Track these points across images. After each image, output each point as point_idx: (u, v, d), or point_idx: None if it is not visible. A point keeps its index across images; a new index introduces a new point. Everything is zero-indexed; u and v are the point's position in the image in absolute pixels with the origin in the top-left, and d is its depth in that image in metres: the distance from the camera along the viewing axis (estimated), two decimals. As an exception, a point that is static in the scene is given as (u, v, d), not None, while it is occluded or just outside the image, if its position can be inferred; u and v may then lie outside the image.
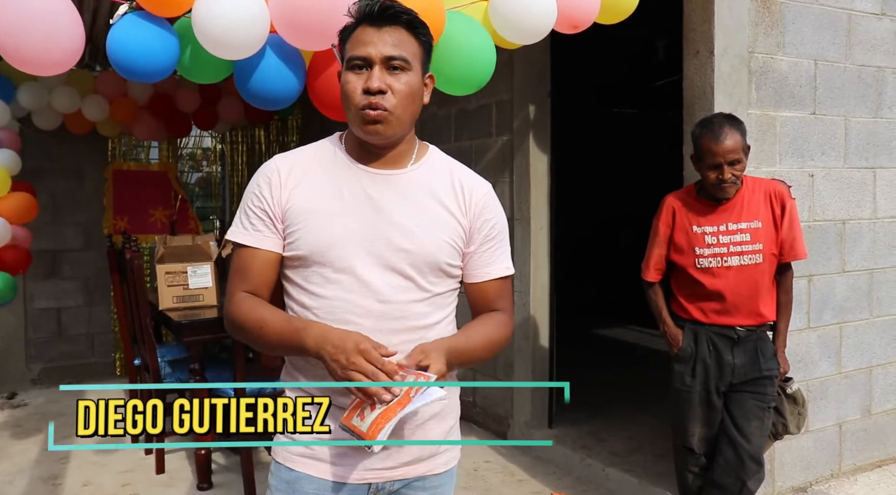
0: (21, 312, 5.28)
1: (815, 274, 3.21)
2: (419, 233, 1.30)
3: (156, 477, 3.57)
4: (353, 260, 1.28)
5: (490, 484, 3.48)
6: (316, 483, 1.31)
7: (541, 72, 3.86)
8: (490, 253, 1.39)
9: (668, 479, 3.08)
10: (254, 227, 1.32)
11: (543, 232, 3.87)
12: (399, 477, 1.34)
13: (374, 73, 1.25)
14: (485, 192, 1.39)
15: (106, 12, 3.92)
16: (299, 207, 1.30)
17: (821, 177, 3.23)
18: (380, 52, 1.25)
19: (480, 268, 1.39)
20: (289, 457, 1.33)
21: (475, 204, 1.36)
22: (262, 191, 1.32)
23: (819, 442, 3.29)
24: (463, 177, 1.39)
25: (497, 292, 1.41)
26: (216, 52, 2.06)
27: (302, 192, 1.31)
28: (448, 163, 1.41)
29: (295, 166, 1.33)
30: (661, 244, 2.57)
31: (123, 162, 5.59)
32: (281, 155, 1.38)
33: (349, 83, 1.27)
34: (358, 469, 1.30)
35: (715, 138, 2.36)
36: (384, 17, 1.26)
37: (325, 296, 1.29)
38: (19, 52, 1.90)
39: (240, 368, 3.26)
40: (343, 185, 1.31)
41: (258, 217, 1.32)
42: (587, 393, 4.67)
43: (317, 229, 1.28)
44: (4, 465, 3.77)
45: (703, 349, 2.50)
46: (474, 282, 1.40)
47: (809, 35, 3.16)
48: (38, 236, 5.27)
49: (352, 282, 1.28)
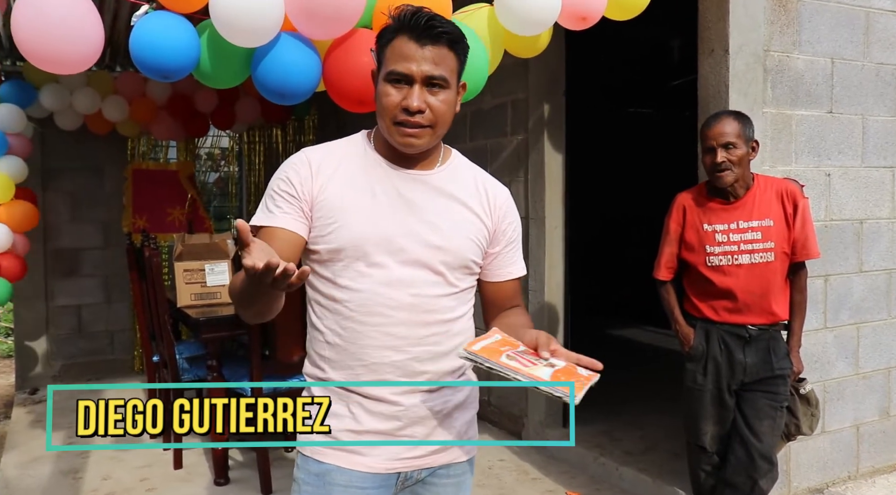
0: (42, 309, 5.37)
1: (831, 273, 3.19)
2: (450, 231, 1.34)
3: (173, 473, 3.62)
4: (388, 255, 1.30)
5: (504, 482, 3.49)
6: (347, 474, 1.32)
7: (556, 71, 3.87)
8: (511, 254, 1.46)
9: (682, 478, 3.07)
10: (280, 209, 1.31)
11: (558, 231, 3.87)
12: (427, 466, 1.37)
13: (413, 92, 1.27)
14: (506, 197, 1.46)
15: (126, 14, 3.98)
16: (332, 201, 1.31)
17: (837, 176, 3.21)
18: (422, 71, 1.26)
19: (503, 268, 1.45)
20: (317, 450, 1.35)
21: (499, 207, 1.42)
22: (290, 178, 1.32)
23: (836, 444, 3.27)
24: (486, 181, 1.44)
25: (515, 290, 1.48)
26: (233, 39, 2.10)
27: (334, 186, 1.32)
28: (470, 167, 1.45)
29: (326, 159, 1.34)
30: (672, 243, 2.57)
31: (142, 161, 5.66)
32: (310, 147, 1.38)
33: (388, 96, 1.28)
34: (388, 458, 1.33)
35: (708, 124, 2.45)
36: (428, 36, 1.26)
37: (358, 289, 1.31)
38: (40, 52, 1.94)
39: (256, 365, 3.30)
40: (375, 183, 1.33)
41: (285, 200, 1.31)
42: (601, 393, 4.66)
43: (353, 224, 1.30)
44: (26, 459, 3.84)
45: (715, 348, 2.50)
46: (496, 281, 1.45)
47: (826, 33, 3.14)
48: (58, 235, 5.39)
49: (385, 277, 1.30)
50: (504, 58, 4.07)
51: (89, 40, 1.99)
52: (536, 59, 3.83)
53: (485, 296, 1.47)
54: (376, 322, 1.31)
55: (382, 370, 1.31)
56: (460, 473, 1.43)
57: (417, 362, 1.33)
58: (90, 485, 3.49)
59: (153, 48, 2.09)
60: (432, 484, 1.39)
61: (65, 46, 1.94)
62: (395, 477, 1.35)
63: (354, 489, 1.32)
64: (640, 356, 6.17)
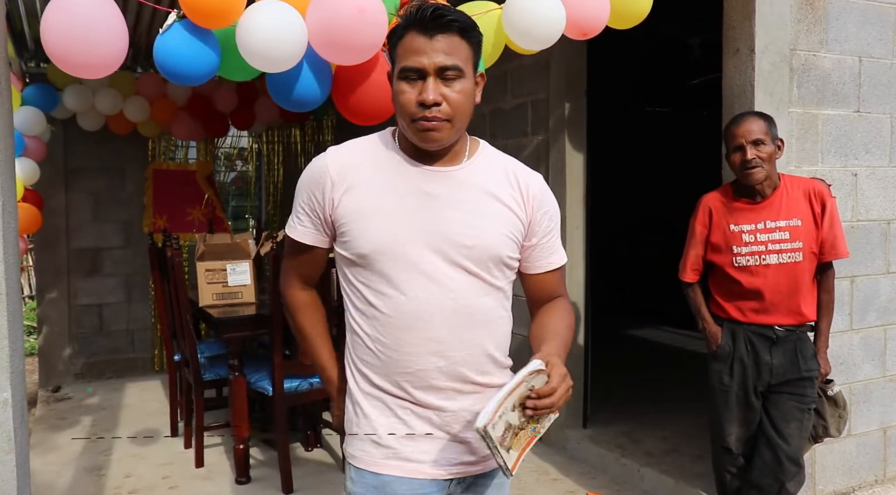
0: (65, 308, 5.43)
1: (857, 274, 3.15)
2: (478, 227, 1.30)
3: (195, 471, 3.64)
4: (416, 257, 1.27)
5: (524, 482, 3.48)
6: (407, 483, 1.30)
7: (577, 70, 3.85)
8: (550, 244, 1.40)
9: (705, 480, 3.05)
10: (300, 223, 1.36)
11: (579, 231, 3.85)
12: (479, 472, 1.37)
13: (428, 86, 1.24)
14: (540, 185, 1.40)
15: (148, 16, 4.01)
16: (354, 206, 1.29)
17: (865, 176, 3.17)
18: (433, 62, 1.23)
19: (543, 260, 1.40)
20: (372, 462, 1.32)
21: (532, 197, 1.36)
22: (311, 190, 1.33)
23: (862, 447, 3.22)
24: (517, 170, 1.38)
25: (557, 281, 1.44)
26: (257, 66, 2.18)
27: (356, 191, 1.30)
28: (500, 158, 1.40)
29: (348, 164, 1.32)
30: (698, 244, 2.55)
31: (163, 161, 5.70)
32: (333, 149, 1.36)
33: (404, 94, 1.26)
34: (444, 464, 1.32)
35: (735, 122, 2.44)
36: (436, 25, 1.23)
37: (392, 295, 1.28)
38: (67, 56, 1.97)
39: (278, 364, 3.31)
40: (399, 183, 1.30)
41: (305, 213, 1.35)
42: (622, 394, 4.65)
43: (375, 227, 1.28)
44: (51, 457, 3.88)
45: (741, 348, 2.48)
46: (536, 273, 1.41)
47: (854, 31, 3.10)
48: (80, 234, 5.45)
49: (417, 281, 1.28)
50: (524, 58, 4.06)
51: (115, 45, 2.01)
52: (557, 58, 3.82)
53: (526, 289, 1.44)
54: (416, 327, 1.28)
55: (428, 377, 1.29)
56: (502, 474, 1.42)
57: (463, 366, 1.31)
58: (113, 482, 3.52)
59: (176, 57, 2.15)
60: (478, 485, 1.39)
61: (92, 51, 1.97)
62: (449, 482, 1.35)
63: None
64: (661, 357, 6.13)
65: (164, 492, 3.41)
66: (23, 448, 1.80)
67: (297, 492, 3.35)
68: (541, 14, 2.34)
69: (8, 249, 1.70)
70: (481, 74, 1.34)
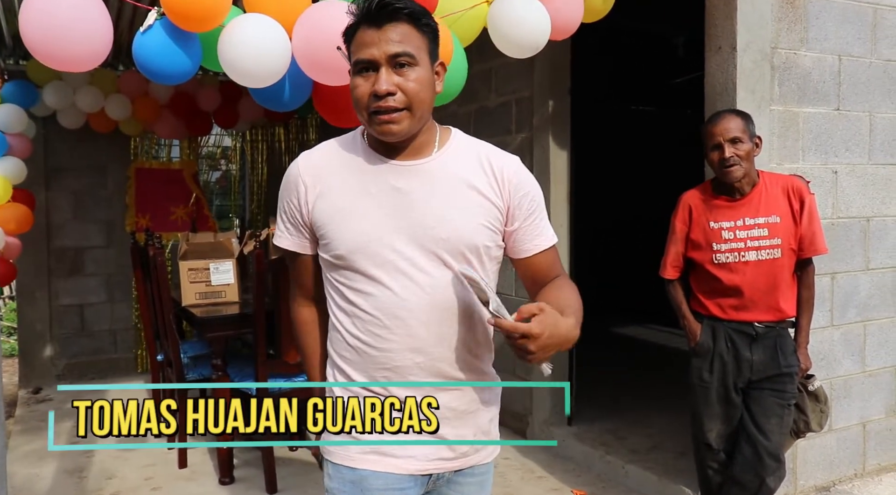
0: (46, 309, 5.36)
1: (838, 271, 3.18)
2: (453, 219, 1.28)
3: (178, 472, 3.62)
4: (391, 255, 1.27)
5: (509, 480, 3.48)
6: (383, 478, 1.30)
7: (561, 69, 3.85)
8: (534, 226, 1.37)
9: (688, 476, 3.07)
10: (287, 231, 1.40)
11: (563, 229, 3.86)
12: (458, 468, 1.36)
13: (380, 76, 1.23)
14: (516, 168, 1.37)
15: (129, 14, 3.97)
16: (328, 209, 1.31)
17: (844, 173, 3.20)
18: (383, 51, 1.23)
19: (528, 243, 1.37)
20: (348, 457, 1.32)
21: (508, 181, 1.34)
22: (289, 198, 1.37)
23: (842, 442, 3.26)
24: (491, 156, 1.36)
25: (550, 262, 1.40)
26: (240, 81, 2.15)
27: (329, 194, 1.32)
28: (474, 145, 1.38)
29: (319, 167, 1.34)
30: (678, 242, 2.57)
31: (145, 160, 5.65)
32: (305, 154, 1.38)
33: (358, 87, 1.26)
34: (421, 460, 1.32)
35: (712, 121, 2.46)
36: (383, 15, 1.23)
37: (371, 292, 1.29)
38: (48, 49, 1.93)
39: (261, 364, 3.29)
40: (369, 181, 1.30)
41: (287, 221, 1.39)
42: (607, 392, 4.66)
43: (349, 228, 1.29)
44: (31, 458, 3.84)
45: (721, 345, 2.50)
46: (524, 257, 1.38)
47: (833, 30, 3.13)
48: (61, 234, 5.39)
49: (394, 279, 1.28)
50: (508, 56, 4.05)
51: (98, 37, 1.98)
52: (541, 56, 3.81)
53: (520, 276, 1.42)
54: (395, 323, 1.28)
55: (407, 372, 1.29)
56: (484, 471, 1.42)
57: (442, 362, 1.30)
58: (95, 485, 3.48)
59: (155, 55, 2.11)
60: (457, 483, 1.39)
61: (74, 44, 1.93)
62: (427, 477, 1.34)
63: (393, 491, 1.30)
64: (646, 355, 6.17)
65: (147, 494, 3.38)
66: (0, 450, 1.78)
67: (281, 492, 3.33)
68: (527, 23, 2.34)
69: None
70: (441, 63, 1.33)
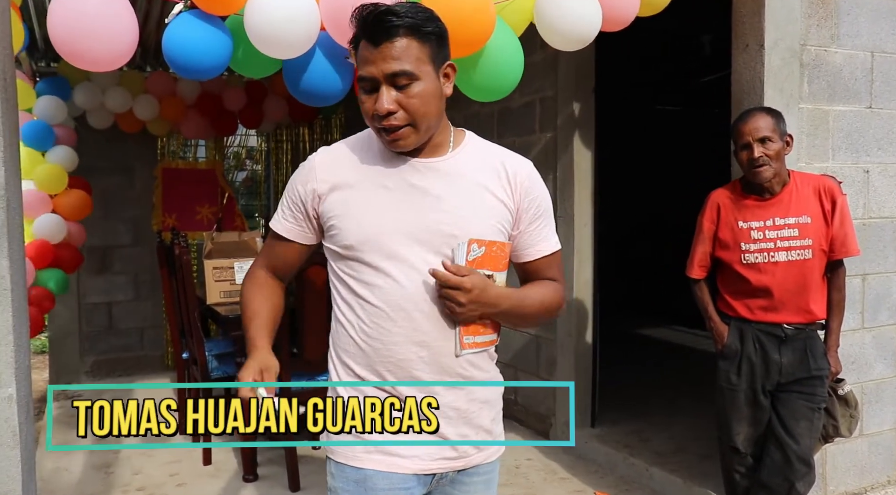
0: (74, 306, 5.45)
1: (869, 272, 3.11)
2: (466, 218, 1.30)
3: (202, 468, 3.65)
4: (401, 249, 1.28)
5: (532, 481, 3.46)
6: (388, 478, 1.30)
7: (585, 68, 3.83)
8: (538, 230, 1.39)
9: (714, 480, 3.02)
10: (285, 217, 1.40)
11: (587, 228, 3.83)
12: (460, 467, 1.36)
13: (381, 95, 1.23)
14: (528, 172, 1.39)
15: (157, 14, 4.02)
16: (341, 200, 1.31)
17: (877, 173, 3.13)
18: (381, 71, 1.22)
19: (531, 247, 1.39)
20: (353, 456, 1.32)
21: (520, 184, 1.36)
22: (297, 187, 1.37)
23: (874, 447, 3.19)
24: (505, 159, 1.38)
25: (548, 267, 1.43)
26: (267, 51, 2.09)
27: (344, 186, 1.32)
28: (487, 147, 1.40)
29: (335, 160, 1.35)
30: (706, 241, 2.53)
31: (172, 160, 5.72)
32: (324, 148, 1.40)
33: (363, 104, 1.28)
34: (426, 459, 1.31)
35: (742, 119, 2.41)
36: (380, 32, 1.22)
37: (379, 285, 1.29)
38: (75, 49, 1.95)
39: (284, 363, 3.30)
40: (384, 176, 1.31)
41: (290, 209, 1.39)
42: (631, 393, 4.62)
43: (361, 220, 1.29)
44: (60, 454, 3.90)
45: (749, 347, 2.45)
46: (526, 261, 1.40)
47: (866, 26, 3.06)
48: (89, 233, 5.44)
49: (402, 272, 1.28)
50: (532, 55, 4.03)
51: (124, 36, 1.99)
52: (566, 56, 3.80)
53: (520, 278, 1.44)
54: (399, 316, 1.28)
55: (410, 366, 1.29)
56: (489, 470, 1.42)
57: (445, 357, 1.30)
58: (121, 480, 3.53)
59: (185, 48, 2.08)
60: (462, 482, 1.38)
61: (100, 43, 1.95)
62: (431, 477, 1.34)
63: (397, 491, 1.30)
64: (670, 356, 6.10)
65: (171, 490, 3.42)
66: (28, 443, 1.80)
67: (304, 490, 3.35)
68: (576, 13, 2.26)
69: (13, 245, 1.71)
70: (450, 65, 1.31)
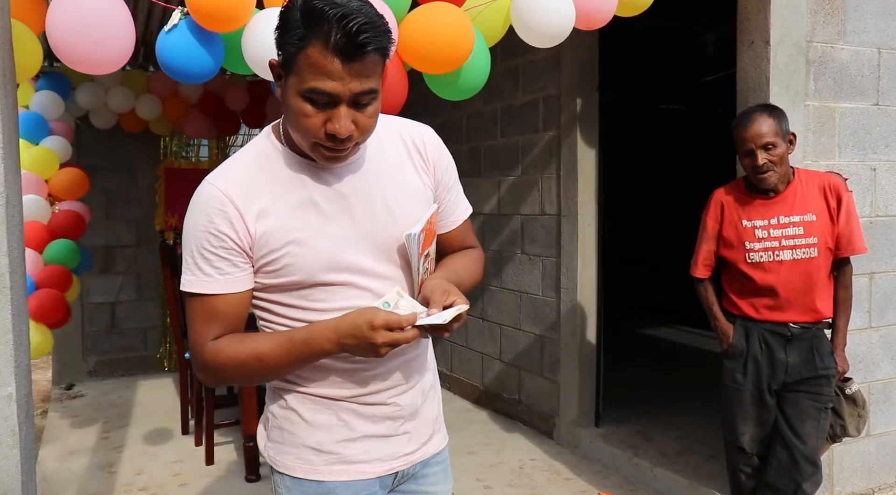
0: (78, 306, 5.44)
1: (876, 271, 3.08)
2: (403, 207, 1.23)
3: (205, 468, 3.64)
4: (363, 258, 1.20)
5: (536, 482, 3.44)
6: (352, 487, 1.24)
7: (589, 66, 3.80)
8: (453, 199, 1.35)
9: (719, 480, 3.00)
10: (219, 272, 1.15)
11: (591, 228, 3.81)
12: (420, 460, 1.33)
13: (339, 114, 1.08)
14: (433, 139, 1.31)
15: (159, 14, 4.01)
16: (275, 231, 1.15)
17: (884, 170, 3.10)
18: (349, 89, 1.07)
19: (450, 216, 1.36)
20: (314, 470, 1.24)
21: (431, 153, 1.29)
22: (220, 230, 1.14)
23: (882, 448, 3.16)
24: (409, 130, 1.30)
25: (465, 234, 1.39)
26: (262, 75, 2.13)
27: (271, 213, 1.16)
28: (389, 124, 1.29)
29: (244, 188, 1.16)
30: (710, 240, 2.51)
31: (175, 160, 5.72)
32: (218, 175, 1.18)
33: (308, 118, 1.09)
34: (387, 460, 1.28)
35: (742, 125, 2.37)
36: (355, 48, 1.05)
37: (333, 309, 1.18)
38: (73, 52, 1.95)
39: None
40: (307, 190, 1.18)
41: (222, 258, 1.15)
42: (635, 393, 4.59)
43: (307, 250, 1.16)
44: (63, 453, 3.90)
45: (755, 346, 2.43)
46: (447, 230, 1.36)
47: (873, 22, 3.03)
48: (92, 232, 5.45)
49: (354, 290, 1.20)
50: (535, 53, 4.02)
51: (121, 40, 1.99)
52: (569, 54, 3.78)
53: (439, 248, 1.35)
54: None
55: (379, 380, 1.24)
56: (444, 459, 1.40)
57: (400, 359, 1.26)
58: (124, 479, 3.52)
59: (178, 55, 2.12)
60: (424, 475, 1.36)
61: (97, 47, 1.95)
62: (393, 476, 1.31)
63: None
64: (674, 356, 6.07)
65: (174, 490, 3.40)
66: (28, 443, 1.79)
67: (306, 490, 3.34)
68: (550, 10, 2.29)
69: (12, 243, 1.69)
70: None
